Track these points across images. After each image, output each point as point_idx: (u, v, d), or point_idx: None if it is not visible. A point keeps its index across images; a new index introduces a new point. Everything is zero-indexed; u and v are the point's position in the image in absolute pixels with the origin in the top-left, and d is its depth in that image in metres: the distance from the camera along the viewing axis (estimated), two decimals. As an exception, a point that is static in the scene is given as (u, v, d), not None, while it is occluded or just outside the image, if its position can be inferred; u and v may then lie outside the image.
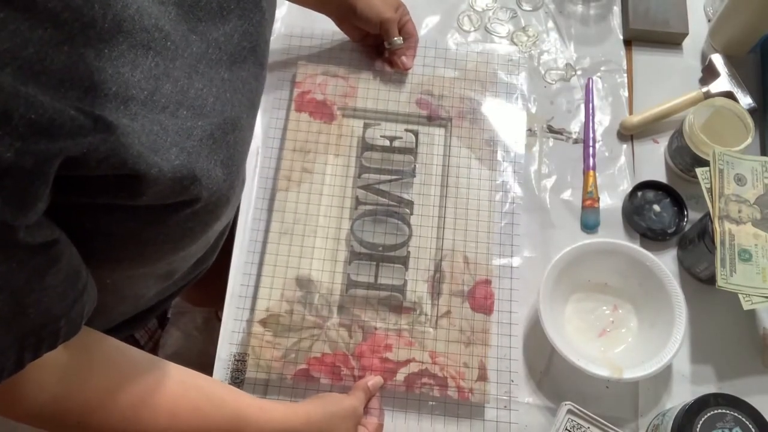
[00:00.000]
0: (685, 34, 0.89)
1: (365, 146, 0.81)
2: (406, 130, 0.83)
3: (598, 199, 0.80)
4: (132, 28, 0.36)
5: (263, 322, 0.72)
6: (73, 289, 0.40)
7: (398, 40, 0.82)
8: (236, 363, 0.71)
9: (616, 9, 0.92)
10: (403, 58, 0.83)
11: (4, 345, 0.38)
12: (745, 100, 0.83)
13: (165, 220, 0.42)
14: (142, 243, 0.44)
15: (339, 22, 0.84)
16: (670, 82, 0.87)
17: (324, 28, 0.88)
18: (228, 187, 0.45)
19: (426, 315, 0.73)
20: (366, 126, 0.82)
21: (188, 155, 0.40)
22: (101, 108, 0.34)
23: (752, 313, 0.75)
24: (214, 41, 0.44)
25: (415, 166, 0.80)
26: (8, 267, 0.34)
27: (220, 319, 0.74)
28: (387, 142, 0.82)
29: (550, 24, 0.91)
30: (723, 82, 0.84)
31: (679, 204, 0.79)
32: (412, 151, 0.81)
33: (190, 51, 0.42)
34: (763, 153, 0.82)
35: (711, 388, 0.71)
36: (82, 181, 0.36)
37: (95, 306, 0.45)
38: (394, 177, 0.80)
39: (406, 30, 0.84)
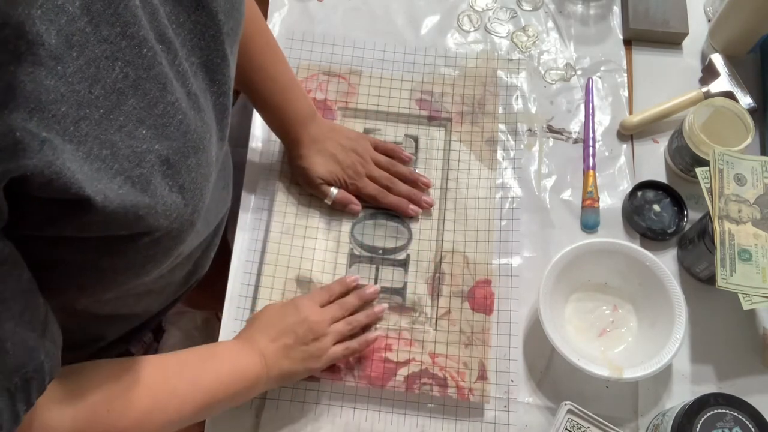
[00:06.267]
0: (685, 34, 0.89)
1: None
2: (406, 136, 0.83)
3: (598, 199, 0.80)
4: (85, 41, 0.34)
5: (263, 322, 0.72)
6: (38, 317, 0.39)
7: (332, 193, 0.76)
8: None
9: (616, 9, 0.92)
10: (411, 206, 0.78)
11: None
12: (745, 100, 0.83)
13: (122, 249, 0.40)
14: (100, 271, 0.42)
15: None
16: (670, 82, 0.87)
17: (324, 28, 0.88)
18: (191, 212, 0.43)
19: (426, 315, 0.73)
20: (366, 132, 0.82)
21: (133, 185, 0.37)
22: (49, 129, 0.32)
23: (752, 313, 0.75)
24: (177, 51, 0.42)
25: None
26: None
27: (220, 319, 0.74)
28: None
29: (550, 24, 0.91)
30: (723, 82, 0.84)
31: (679, 204, 0.79)
32: (412, 158, 0.81)
33: (166, 59, 0.40)
34: (763, 153, 0.82)
35: (711, 388, 0.71)
36: (24, 210, 0.34)
37: (85, 330, 0.44)
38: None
39: (365, 193, 0.77)
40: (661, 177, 0.82)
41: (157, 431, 0.53)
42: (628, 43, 0.90)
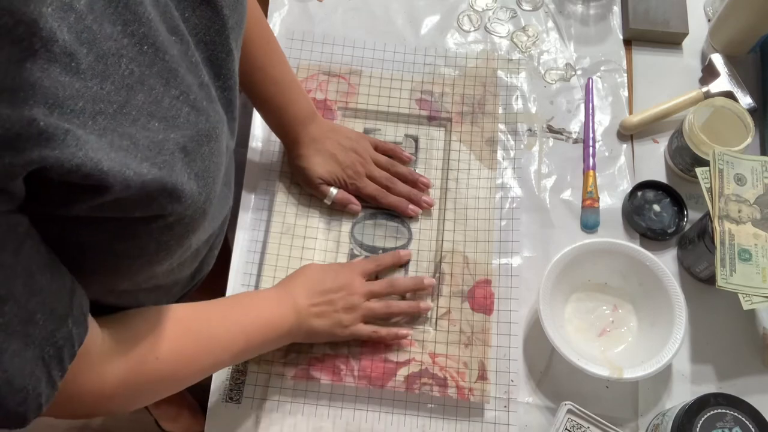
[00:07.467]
0: (685, 34, 0.89)
1: None
2: (406, 136, 0.83)
3: (598, 198, 0.80)
4: (93, 39, 0.35)
5: (263, 322, 0.72)
6: (64, 286, 0.40)
7: (332, 193, 0.76)
8: (237, 363, 0.70)
9: (616, 9, 0.92)
10: (411, 206, 0.78)
11: (30, 363, 0.36)
12: (745, 100, 0.83)
13: (136, 232, 0.41)
14: (114, 256, 0.43)
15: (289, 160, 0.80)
16: (670, 82, 0.87)
17: (324, 28, 0.88)
18: (204, 200, 0.44)
19: (426, 315, 0.73)
20: (366, 132, 0.82)
21: (159, 170, 0.38)
22: (70, 122, 0.33)
23: (752, 313, 0.75)
24: (189, 42, 0.43)
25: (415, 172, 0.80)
26: (4, 273, 0.34)
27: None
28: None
29: (550, 24, 0.91)
30: (723, 82, 0.84)
31: (679, 204, 0.79)
32: (412, 158, 0.81)
33: (171, 53, 0.40)
34: (763, 153, 0.82)
35: (711, 388, 0.71)
36: (45, 190, 0.35)
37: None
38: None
39: (365, 193, 0.77)
40: (661, 177, 0.82)
41: (199, 374, 0.57)
42: (628, 43, 0.90)
